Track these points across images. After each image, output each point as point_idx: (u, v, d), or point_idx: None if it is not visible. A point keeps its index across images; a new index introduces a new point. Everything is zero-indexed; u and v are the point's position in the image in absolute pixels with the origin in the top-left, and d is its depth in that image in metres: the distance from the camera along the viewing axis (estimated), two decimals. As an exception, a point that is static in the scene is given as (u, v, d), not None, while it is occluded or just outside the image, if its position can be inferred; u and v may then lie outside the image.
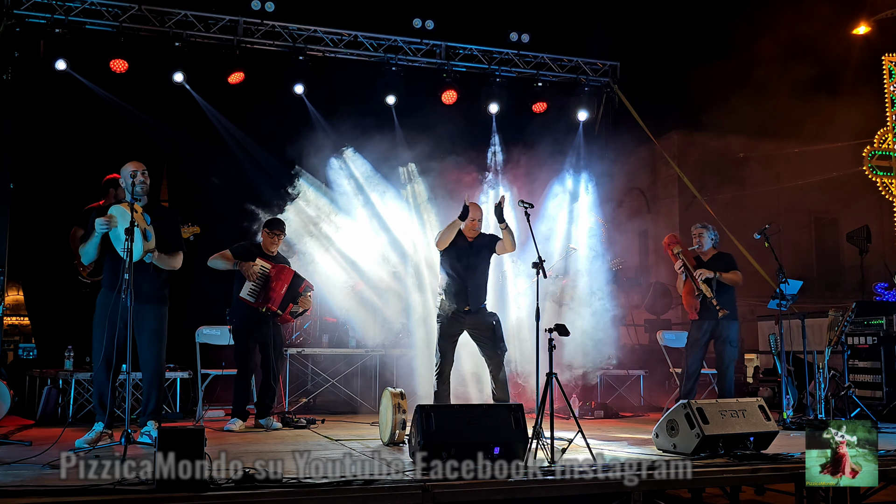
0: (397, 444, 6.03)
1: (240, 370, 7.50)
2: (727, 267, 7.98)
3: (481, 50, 12.14)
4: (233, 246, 7.61)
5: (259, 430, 7.35)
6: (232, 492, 4.06)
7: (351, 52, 11.61)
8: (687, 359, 8.08)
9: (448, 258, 6.92)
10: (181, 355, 8.78)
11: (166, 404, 8.47)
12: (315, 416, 8.15)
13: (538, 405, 5.54)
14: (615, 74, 12.68)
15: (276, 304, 7.50)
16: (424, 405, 4.98)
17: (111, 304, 5.66)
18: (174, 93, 10.44)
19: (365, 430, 7.26)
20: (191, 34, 10.55)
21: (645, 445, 6.02)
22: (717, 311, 7.72)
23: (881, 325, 9.19)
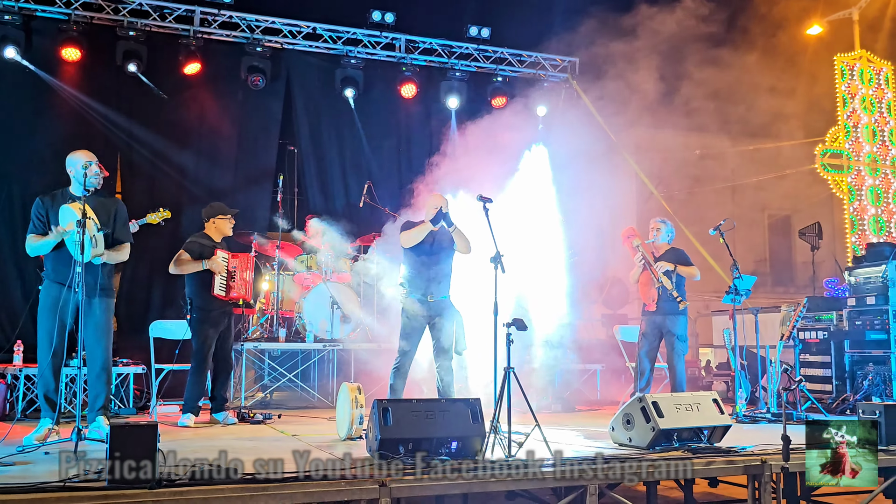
0: (354, 438, 5.99)
1: (198, 365, 7.35)
2: (682, 261, 8.07)
3: (441, 44, 12.13)
4: (186, 246, 7.41)
5: (214, 426, 7.26)
6: (185, 488, 3.99)
7: (310, 45, 11.53)
8: (638, 353, 8.16)
9: (409, 250, 6.83)
10: (134, 350, 8.64)
11: (119, 400, 8.33)
12: (272, 411, 8.06)
13: (496, 399, 5.54)
14: (574, 70, 12.75)
15: (248, 292, 7.44)
16: (382, 400, 4.95)
17: (60, 299, 5.54)
18: (129, 83, 10.26)
19: (322, 425, 7.20)
20: (146, 23, 10.38)
21: (601, 439, 6.06)
22: (678, 302, 7.81)
23: (831, 320, 9.37)
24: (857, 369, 8.92)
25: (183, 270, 7.27)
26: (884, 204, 15.37)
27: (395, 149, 12.16)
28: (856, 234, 15.06)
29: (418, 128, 12.28)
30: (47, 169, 8.98)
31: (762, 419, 7.51)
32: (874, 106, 15.42)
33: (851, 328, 9.14)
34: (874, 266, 9.12)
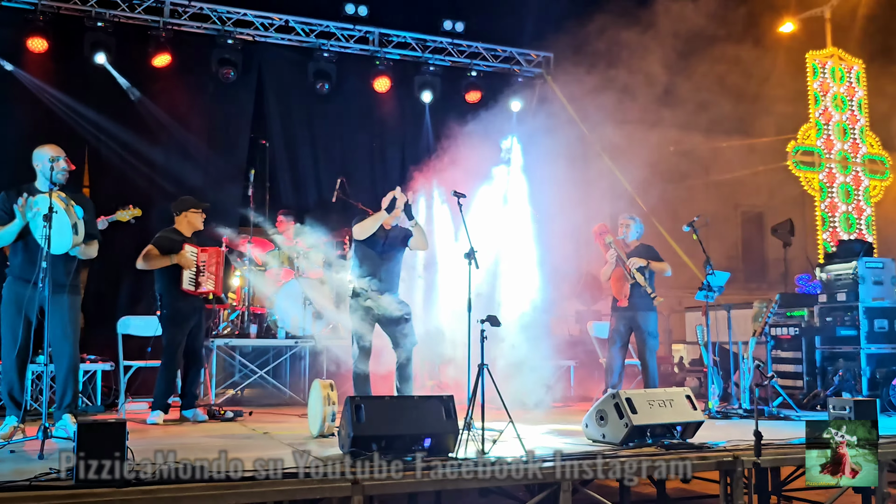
0: (327, 436, 5.93)
1: (169, 362, 7.23)
2: (653, 257, 8.11)
3: (415, 38, 12.07)
4: (154, 241, 7.27)
5: (184, 423, 7.17)
6: (154, 487, 3.92)
7: (282, 37, 11.43)
8: (609, 349, 8.18)
9: (362, 244, 6.77)
10: (102, 346, 8.51)
11: (87, 397, 8.20)
12: (242, 408, 7.97)
13: (469, 396, 5.51)
14: (549, 65, 12.74)
15: (218, 287, 7.34)
16: (354, 397, 4.91)
17: (26, 295, 5.44)
18: (97, 75, 10.09)
19: (294, 423, 7.14)
20: (114, 14, 10.21)
21: (575, 435, 6.05)
22: (651, 298, 7.84)
23: (803, 317, 9.43)
24: (828, 365, 9.00)
25: (150, 266, 7.15)
26: (854, 201, 15.52)
27: (369, 143, 12.08)
28: (827, 231, 15.20)
29: (392, 122, 12.20)
30: (11, 162, 8.80)
31: (734, 415, 7.55)
32: (845, 103, 15.56)
33: (822, 324, 9.22)
34: (845, 263, 9.20)
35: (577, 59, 11.17)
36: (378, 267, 6.72)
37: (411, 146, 12.27)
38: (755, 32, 13.68)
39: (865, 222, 15.59)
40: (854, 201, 15.53)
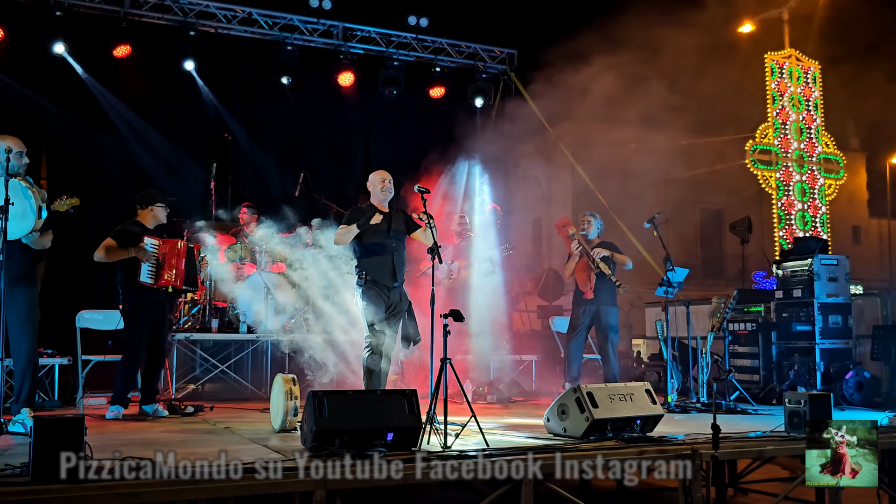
0: (289, 430, 5.91)
1: (130, 357, 7.11)
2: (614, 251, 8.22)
3: (379, 32, 12.04)
4: (114, 234, 7.16)
5: (143, 418, 7.08)
6: (113, 482, 3.87)
7: (245, 30, 11.32)
8: (569, 342, 8.24)
9: (364, 235, 6.63)
10: (60, 341, 8.37)
11: (44, 392, 8.06)
12: (203, 403, 7.90)
13: (432, 390, 5.52)
14: (512, 62, 12.79)
15: (179, 279, 7.24)
16: (317, 391, 4.88)
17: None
18: (55, 65, 9.92)
19: (256, 417, 7.08)
20: (73, 3, 10.05)
21: (536, 430, 6.08)
22: (616, 286, 7.95)
23: (759, 312, 9.59)
24: (784, 360, 9.16)
25: (108, 258, 7.03)
26: (810, 199, 15.83)
27: (332, 138, 12.03)
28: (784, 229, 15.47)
29: (356, 117, 12.17)
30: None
31: (693, 409, 7.65)
32: (802, 103, 15.85)
33: (779, 320, 9.38)
34: (800, 259, 9.36)
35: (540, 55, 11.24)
36: (388, 253, 6.61)
37: (375, 141, 12.24)
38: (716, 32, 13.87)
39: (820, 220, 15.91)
40: (810, 199, 15.83)
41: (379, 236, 6.63)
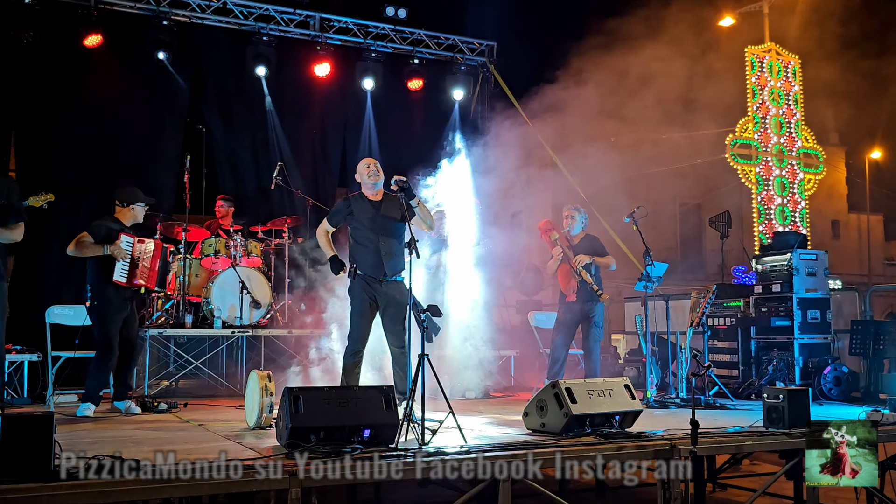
0: (264, 427, 5.81)
1: (104, 354, 6.95)
2: (598, 251, 8.13)
3: (356, 23, 11.91)
4: (90, 229, 6.99)
5: (115, 415, 6.95)
6: (84, 481, 3.77)
7: (220, 20, 11.15)
8: (554, 340, 8.17)
9: (353, 223, 6.46)
10: (29, 336, 8.20)
11: (13, 389, 7.90)
12: (177, 399, 7.77)
13: (409, 387, 5.44)
14: (492, 54, 12.70)
15: (152, 280, 7.11)
16: (293, 388, 4.79)
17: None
18: (23, 55, 9.70)
19: (230, 414, 6.98)
20: (43, -9, 9.83)
21: (515, 425, 6.03)
22: (598, 295, 7.86)
23: (739, 307, 9.58)
24: (763, 355, 9.15)
25: (82, 253, 6.88)
26: (789, 194, 15.89)
27: (309, 130, 11.89)
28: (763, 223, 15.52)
29: (333, 109, 12.04)
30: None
31: (672, 404, 7.63)
32: (782, 98, 15.90)
33: (757, 315, 9.37)
34: (780, 254, 9.36)
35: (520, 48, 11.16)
36: (377, 243, 6.36)
37: (352, 133, 12.12)
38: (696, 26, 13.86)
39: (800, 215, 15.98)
40: (789, 194, 15.90)
41: (365, 226, 6.43)
